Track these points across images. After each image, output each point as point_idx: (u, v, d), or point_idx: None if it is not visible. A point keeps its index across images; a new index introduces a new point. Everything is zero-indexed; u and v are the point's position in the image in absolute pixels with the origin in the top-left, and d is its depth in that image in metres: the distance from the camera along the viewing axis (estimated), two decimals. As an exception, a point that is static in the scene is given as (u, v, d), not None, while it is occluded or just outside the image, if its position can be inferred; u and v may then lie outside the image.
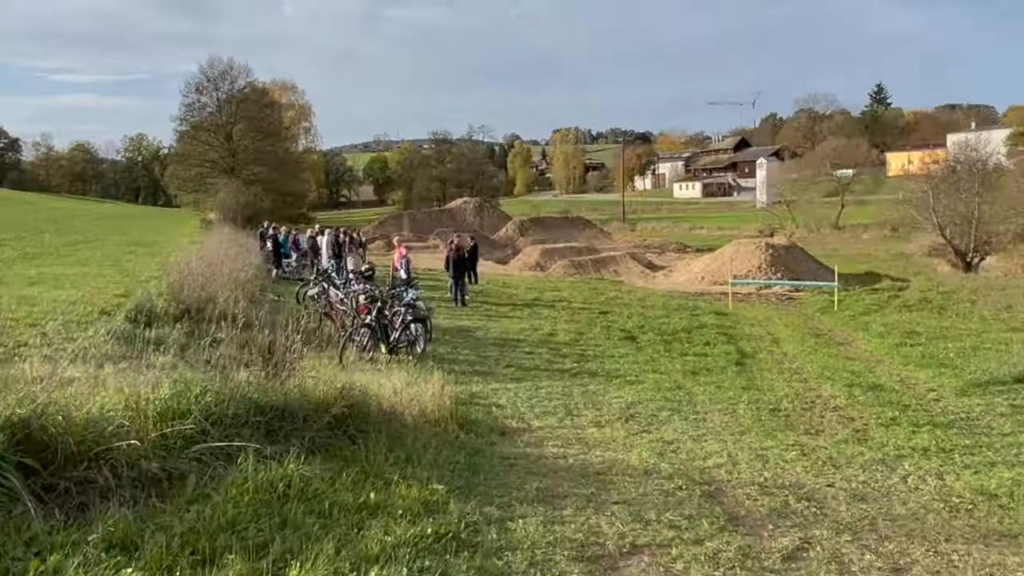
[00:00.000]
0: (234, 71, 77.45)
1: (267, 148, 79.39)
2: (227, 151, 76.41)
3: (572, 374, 12.37)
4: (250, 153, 76.33)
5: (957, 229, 48.76)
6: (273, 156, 79.81)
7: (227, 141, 76.72)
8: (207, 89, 76.96)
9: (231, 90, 77.64)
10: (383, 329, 12.09)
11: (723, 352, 15.36)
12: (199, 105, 77.78)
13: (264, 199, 66.52)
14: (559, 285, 28.67)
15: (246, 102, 78.23)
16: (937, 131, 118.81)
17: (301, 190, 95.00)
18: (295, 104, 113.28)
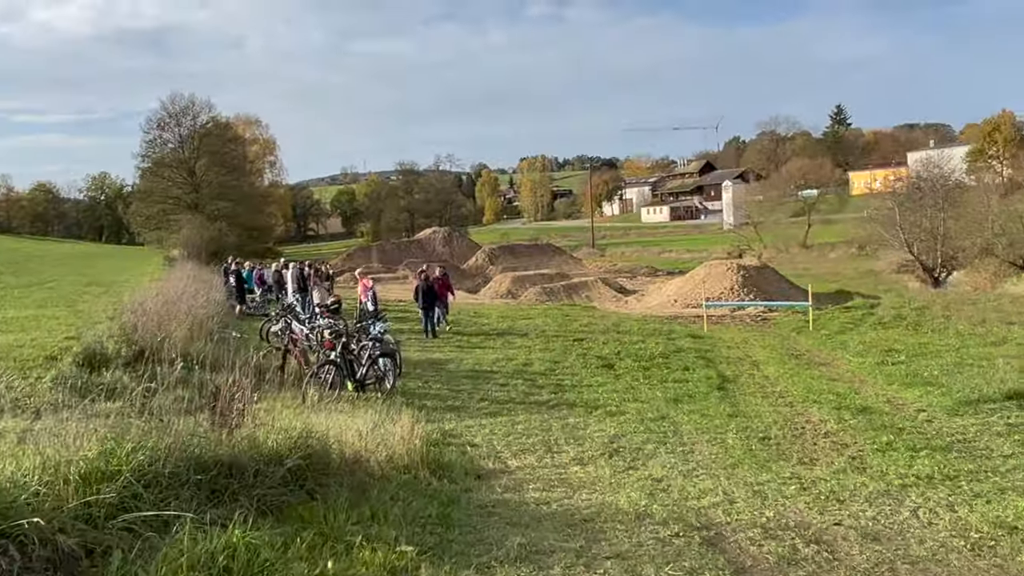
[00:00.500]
0: (196, 106, 76.69)
1: (231, 183, 78.41)
2: (190, 187, 75.28)
3: (550, 406, 11.79)
4: (214, 188, 75.27)
5: (923, 245, 49.15)
6: (237, 191, 78.83)
7: (190, 177, 75.62)
8: (169, 125, 76.04)
9: (193, 125, 76.75)
10: (349, 365, 11.44)
11: (704, 377, 14.87)
12: (161, 141, 76.83)
13: (229, 234, 65.45)
14: (531, 313, 28.13)
15: (209, 137, 77.32)
16: (897, 149, 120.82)
17: (267, 224, 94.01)
18: (259, 138, 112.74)
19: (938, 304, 30.13)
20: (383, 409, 10.08)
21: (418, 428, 7.67)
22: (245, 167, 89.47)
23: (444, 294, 22.46)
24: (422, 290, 21.24)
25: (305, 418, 7.13)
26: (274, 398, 11.08)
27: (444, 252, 70.50)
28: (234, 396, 5.82)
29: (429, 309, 21.08)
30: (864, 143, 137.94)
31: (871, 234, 54.69)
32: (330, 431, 6.51)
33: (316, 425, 6.42)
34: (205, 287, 27.30)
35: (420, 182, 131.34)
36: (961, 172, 73.47)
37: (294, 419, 6.93)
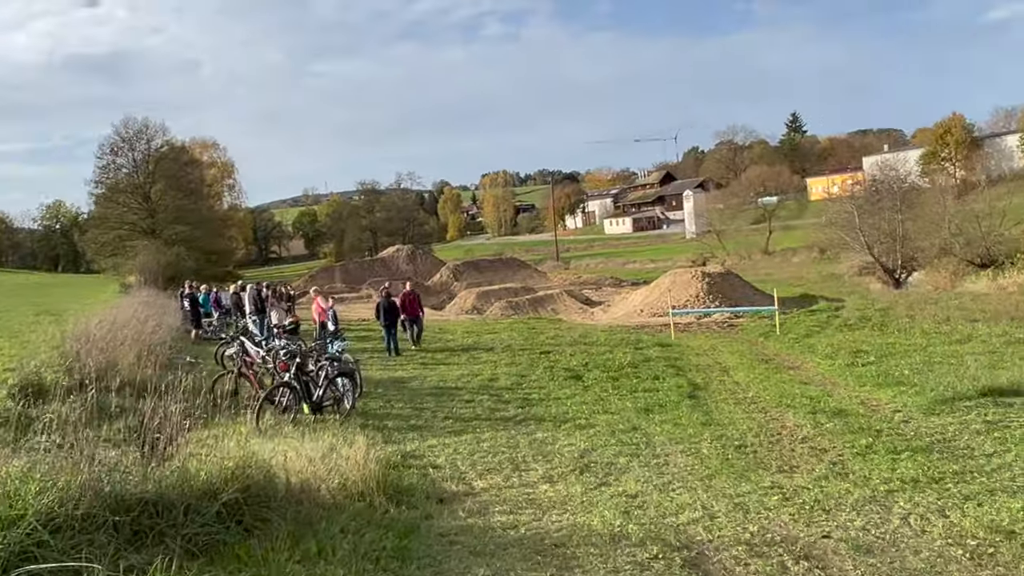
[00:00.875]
0: (150, 130, 75.08)
1: (189, 206, 76.81)
2: (146, 212, 73.64)
3: (517, 421, 11.30)
4: (170, 212, 73.65)
5: (883, 247, 49.65)
6: (195, 214, 77.24)
7: (146, 202, 73.98)
8: (122, 150, 74.37)
9: (147, 149, 75.16)
10: (305, 387, 10.86)
11: (674, 385, 14.50)
12: (115, 166, 75.03)
13: (187, 258, 64.07)
14: (497, 327, 27.65)
15: (164, 161, 75.82)
16: (852, 155, 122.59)
17: (227, 248, 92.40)
18: (217, 161, 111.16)
19: (901, 304, 30.25)
20: (340, 432, 9.55)
21: (375, 451, 7.16)
22: (203, 190, 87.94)
23: (416, 312, 21.80)
24: (383, 307, 20.72)
25: (247, 446, 6.56)
26: (226, 424, 10.49)
27: (408, 270, 69.79)
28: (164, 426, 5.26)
29: (391, 326, 20.53)
30: (820, 149, 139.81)
31: (832, 238, 55.12)
32: (276, 459, 5.96)
33: (261, 452, 5.88)
34: (158, 312, 26.52)
35: (382, 201, 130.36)
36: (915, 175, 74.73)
37: (235, 447, 6.37)
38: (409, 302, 21.69)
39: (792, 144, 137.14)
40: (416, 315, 21.76)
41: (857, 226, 50.11)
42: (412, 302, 21.80)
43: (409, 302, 21.69)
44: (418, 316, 21.86)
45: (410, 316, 21.57)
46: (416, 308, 21.86)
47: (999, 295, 33.47)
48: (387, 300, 20.96)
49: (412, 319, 21.64)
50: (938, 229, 48.08)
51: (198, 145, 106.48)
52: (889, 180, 54.62)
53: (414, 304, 21.84)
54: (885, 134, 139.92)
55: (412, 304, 21.76)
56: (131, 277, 56.90)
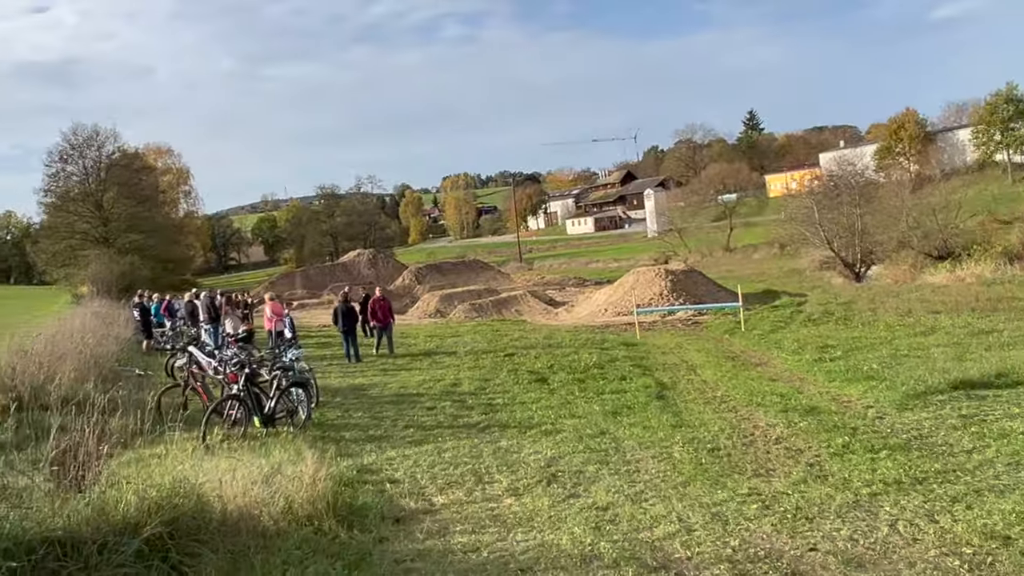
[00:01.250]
0: (100, 136, 73.29)
1: (143, 214, 75.13)
2: (99, 220, 71.83)
3: (480, 428, 10.81)
4: (124, 221, 71.95)
5: (843, 241, 50.10)
6: (150, 222, 75.58)
7: (98, 210, 72.16)
8: (72, 157, 72.51)
9: (98, 156, 73.37)
10: (255, 399, 10.25)
11: (641, 386, 14.12)
12: (65, 174, 73.14)
13: (142, 267, 62.60)
14: (460, 330, 27.17)
15: (116, 167, 74.04)
16: (809, 151, 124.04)
17: (184, 256, 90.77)
18: (172, 168, 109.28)
19: (863, 298, 30.36)
20: (292, 446, 9.00)
21: (327, 467, 6.62)
22: (157, 198, 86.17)
23: (387, 319, 20.79)
24: (341, 312, 20.04)
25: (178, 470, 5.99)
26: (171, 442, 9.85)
27: (370, 274, 68.99)
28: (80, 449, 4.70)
29: (350, 332, 19.88)
30: (777, 147, 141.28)
31: (792, 233, 55.52)
32: (212, 482, 5.41)
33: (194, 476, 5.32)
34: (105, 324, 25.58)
35: (342, 205, 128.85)
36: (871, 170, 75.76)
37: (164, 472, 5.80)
38: (379, 308, 20.72)
39: (750, 142, 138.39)
40: (387, 323, 20.78)
41: (817, 221, 50.47)
42: (382, 308, 20.80)
43: (379, 308, 20.72)
44: (388, 324, 20.86)
45: (380, 324, 20.65)
46: (387, 315, 20.85)
47: (958, 286, 33.75)
48: (345, 305, 20.29)
49: (382, 327, 20.69)
50: (896, 223, 48.64)
51: (152, 151, 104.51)
52: (847, 175, 55.18)
53: (384, 310, 20.83)
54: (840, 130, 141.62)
55: (383, 310, 20.76)
56: (83, 288, 55.40)
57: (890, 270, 47.62)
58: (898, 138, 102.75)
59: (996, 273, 36.70)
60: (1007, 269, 37.93)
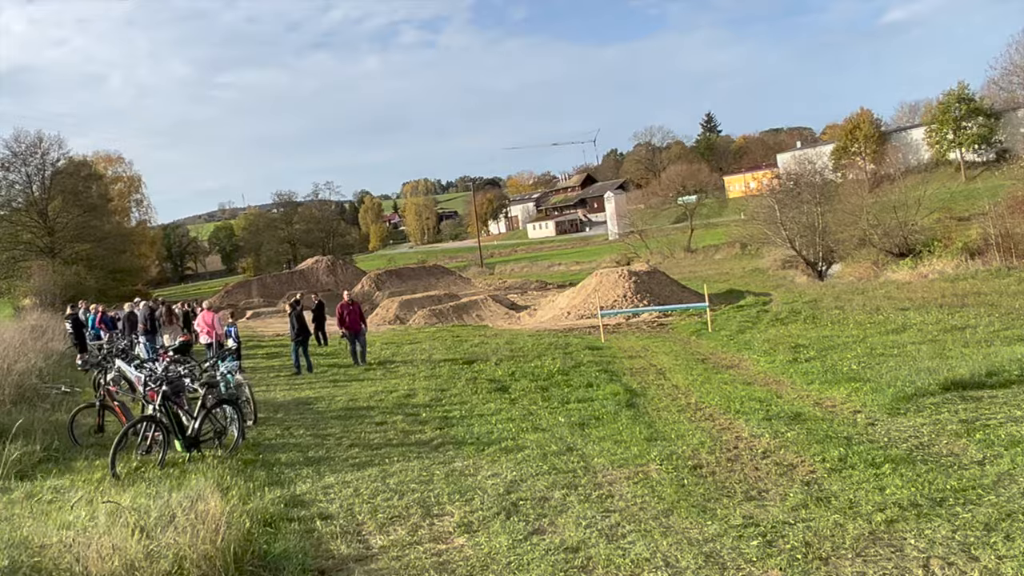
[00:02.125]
0: (44, 143, 70.53)
1: (90, 223, 72.43)
2: (43, 230, 69.16)
3: (433, 446, 9.70)
4: (70, 230, 69.34)
5: (804, 240, 49.91)
6: (97, 231, 72.90)
7: (42, 219, 69.49)
8: (14, 165, 69.67)
9: (42, 164, 70.63)
10: (175, 419, 9.00)
11: (610, 393, 13.11)
12: (6, 183, 70.26)
13: (88, 278, 60.28)
14: (419, 336, 26.01)
15: (61, 175, 71.39)
16: (766, 152, 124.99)
17: (134, 265, 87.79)
18: (123, 176, 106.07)
19: (828, 296, 29.87)
20: (215, 475, 7.80)
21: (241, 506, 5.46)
22: (106, 206, 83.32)
23: (358, 326, 19.11)
24: (293, 319, 18.70)
25: (27, 528, 4.78)
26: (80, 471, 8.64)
27: (328, 281, 67.50)
28: None
29: (302, 343, 18.57)
30: (735, 148, 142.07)
31: (754, 233, 55.26)
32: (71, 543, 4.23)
33: (47, 534, 4.13)
34: (37, 337, 23.98)
35: (300, 212, 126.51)
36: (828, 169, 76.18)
37: (14, 529, 4.60)
38: (349, 315, 19.06)
39: (708, 143, 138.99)
40: (357, 330, 19.13)
41: (779, 220, 50.19)
42: (352, 315, 19.10)
43: (349, 315, 19.06)
44: (359, 331, 19.23)
45: (351, 331, 19.02)
46: (357, 321, 19.15)
47: (922, 283, 33.52)
48: (296, 313, 18.95)
49: (353, 334, 19.08)
50: (856, 220, 48.48)
51: (102, 159, 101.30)
52: (807, 173, 55.06)
53: (355, 317, 19.13)
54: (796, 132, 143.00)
55: (353, 317, 19.06)
56: (26, 300, 53.14)
57: (852, 268, 47.50)
58: (854, 138, 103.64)
59: (959, 269, 36.53)
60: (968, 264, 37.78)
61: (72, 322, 21.10)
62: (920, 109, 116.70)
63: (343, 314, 19.11)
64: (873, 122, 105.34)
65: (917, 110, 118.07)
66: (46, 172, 71.06)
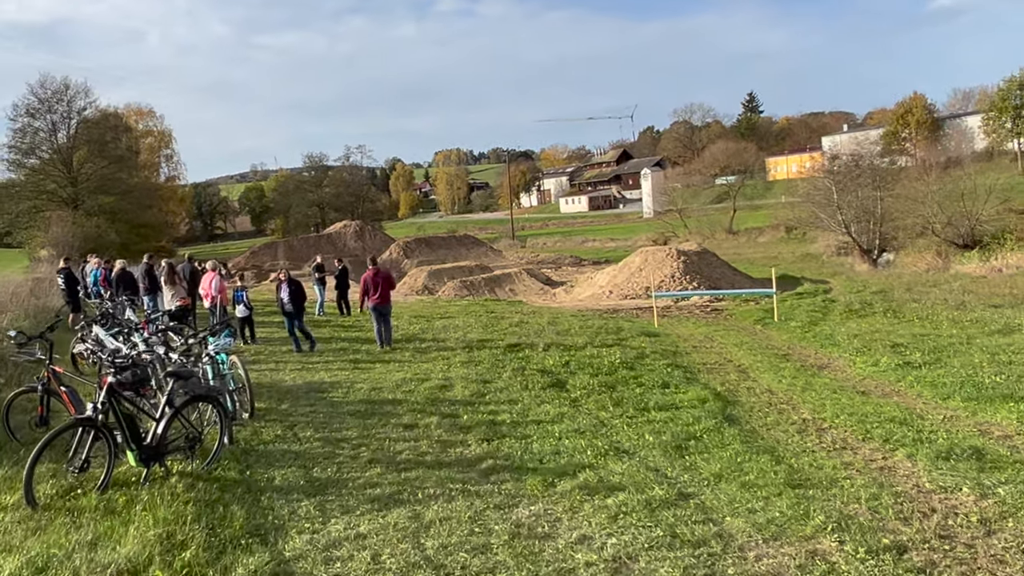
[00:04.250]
0: (71, 90, 68.40)
1: (116, 175, 70.37)
2: (66, 180, 67.25)
3: (482, 472, 7.13)
4: (93, 181, 67.36)
5: (859, 226, 47.00)
6: (122, 184, 70.84)
7: (66, 169, 67.56)
8: (39, 111, 67.64)
9: (68, 112, 68.61)
10: (128, 422, 6.43)
11: (695, 400, 10.46)
12: (31, 130, 68.24)
13: (109, 231, 58.27)
14: (450, 310, 23.46)
15: (87, 124, 69.34)
16: (809, 135, 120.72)
17: (160, 221, 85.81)
18: (154, 130, 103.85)
19: (898, 287, 27.07)
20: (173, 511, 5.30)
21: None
22: (134, 159, 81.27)
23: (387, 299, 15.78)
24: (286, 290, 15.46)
25: None
26: None
27: (356, 246, 65.24)
28: None
29: (296, 314, 15.43)
30: (777, 129, 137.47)
31: (806, 216, 52.04)
32: None
33: None
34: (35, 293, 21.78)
35: (331, 175, 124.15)
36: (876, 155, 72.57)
37: None
38: (376, 285, 15.59)
39: (750, 124, 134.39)
40: (387, 303, 15.77)
41: (836, 203, 47.05)
42: (381, 285, 15.60)
43: (376, 285, 15.59)
44: (388, 306, 15.87)
45: (378, 305, 15.56)
46: (387, 294, 15.78)
47: (999, 277, 30.60)
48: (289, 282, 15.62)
49: (380, 310, 15.65)
50: (919, 208, 45.30)
51: (133, 112, 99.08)
52: (869, 155, 51.67)
53: (385, 289, 15.71)
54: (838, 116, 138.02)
55: (382, 289, 15.62)
56: (42, 251, 51.33)
57: (911, 258, 44.36)
58: (905, 123, 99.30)
59: (1038, 263, 33.61)
60: (1047, 260, 34.82)
61: (65, 277, 18.69)
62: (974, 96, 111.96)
63: (369, 285, 15.72)
64: (927, 107, 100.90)
65: (971, 97, 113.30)
66: (72, 120, 69.12)
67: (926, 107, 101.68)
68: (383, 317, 15.78)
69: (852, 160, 49.70)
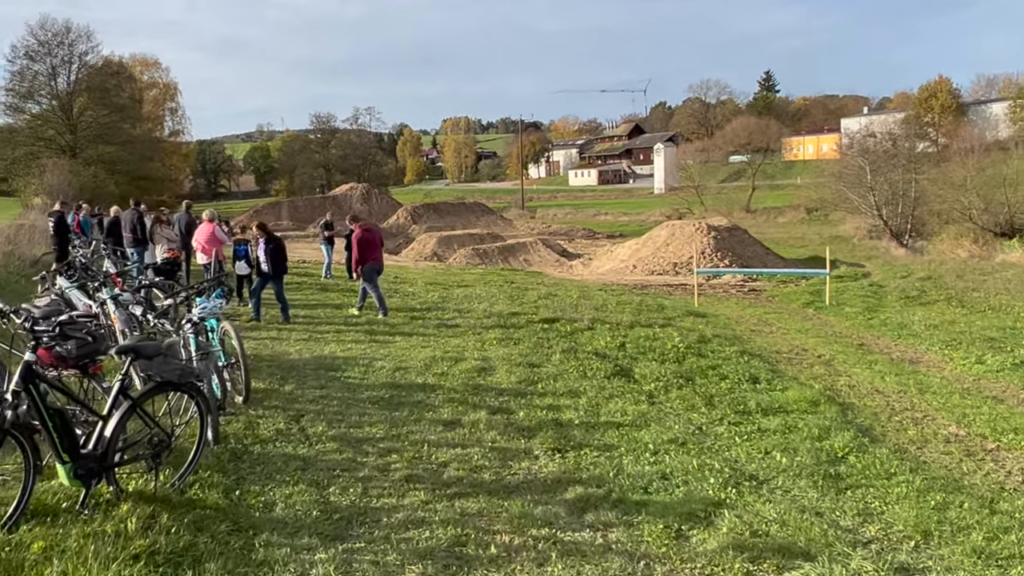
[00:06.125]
0: (72, 34, 65.56)
1: (117, 125, 67.75)
2: (65, 127, 64.69)
3: (571, 508, 4.97)
4: (93, 129, 64.82)
5: (890, 210, 44.80)
6: (124, 134, 68.24)
7: (65, 116, 64.95)
8: (39, 54, 64.90)
9: (70, 56, 65.85)
10: (57, 421, 4.18)
11: (803, 400, 8.26)
12: (30, 73, 65.51)
13: (108, 182, 55.86)
14: (467, 278, 21.32)
15: (88, 70, 66.65)
16: (826, 116, 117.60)
17: (162, 175, 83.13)
18: (159, 82, 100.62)
19: (947, 274, 24.92)
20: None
21: None
22: (137, 110, 78.47)
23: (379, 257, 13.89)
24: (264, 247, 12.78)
25: None
26: None
27: (362, 210, 62.82)
28: None
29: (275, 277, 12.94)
30: (794, 109, 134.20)
31: (834, 196, 49.67)
32: None
33: None
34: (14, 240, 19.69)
35: (338, 137, 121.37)
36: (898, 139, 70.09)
37: None
38: (374, 244, 13.76)
39: (766, 102, 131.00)
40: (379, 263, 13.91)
41: (869, 184, 44.71)
42: (363, 244, 13.56)
43: (374, 244, 13.76)
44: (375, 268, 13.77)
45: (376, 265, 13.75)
46: (378, 252, 13.91)
47: (1052, 268, 28.56)
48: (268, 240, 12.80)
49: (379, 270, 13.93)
50: (957, 193, 43.03)
51: (138, 62, 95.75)
52: (903, 136, 49.17)
53: (376, 247, 13.82)
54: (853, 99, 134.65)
55: (373, 246, 13.73)
56: (36, 199, 49.04)
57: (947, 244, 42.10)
58: (928, 107, 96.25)
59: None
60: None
61: (56, 222, 16.46)
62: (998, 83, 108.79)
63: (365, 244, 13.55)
64: (951, 92, 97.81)
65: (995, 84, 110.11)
66: (73, 65, 66.42)
67: (951, 91, 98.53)
68: (369, 278, 13.57)
69: (889, 138, 47.17)
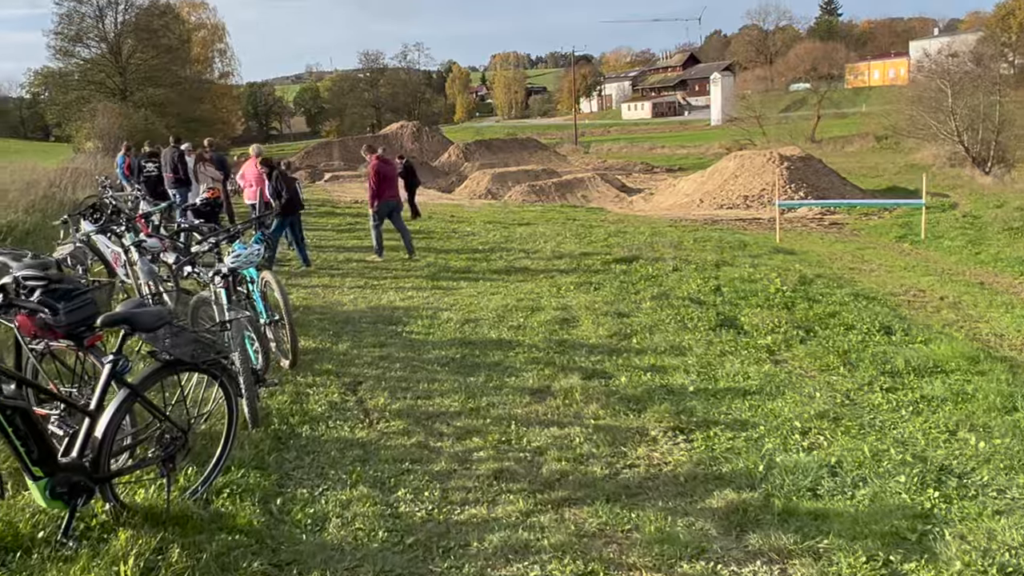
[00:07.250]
0: (117, -29, 64.47)
1: (167, 67, 67.03)
2: (115, 69, 64.12)
3: (720, 522, 3.67)
4: (142, 72, 64.19)
5: (970, 135, 41.86)
6: (173, 76, 67.54)
7: (114, 58, 64.33)
8: (85, -6, 64.01)
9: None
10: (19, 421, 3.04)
11: (959, 357, 6.73)
12: (77, 15, 64.82)
13: (158, 124, 55.30)
14: (527, 216, 19.96)
15: (136, 10, 65.76)
16: (893, 39, 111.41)
17: (213, 117, 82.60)
18: (206, 23, 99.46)
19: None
20: None
21: None
22: (186, 52, 77.63)
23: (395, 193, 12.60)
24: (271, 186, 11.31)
25: None
26: None
27: (414, 148, 61.50)
28: None
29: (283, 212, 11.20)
30: (858, 33, 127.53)
31: (907, 123, 46.60)
32: None
33: None
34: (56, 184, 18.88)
35: (387, 75, 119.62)
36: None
37: None
38: (383, 176, 12.22)
39: (829, 27, 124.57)
40: (396, 199, 12.64)
41: (950, 108, 41.68)
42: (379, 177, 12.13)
43: (383, 176, 12.22)
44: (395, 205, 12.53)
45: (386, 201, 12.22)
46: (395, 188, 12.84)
47: None
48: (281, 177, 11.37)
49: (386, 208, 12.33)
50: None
51: (185, 3, 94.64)
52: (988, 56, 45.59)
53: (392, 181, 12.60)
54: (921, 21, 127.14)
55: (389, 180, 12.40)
56: (88, 144, 48.78)
57: (1023, 173, 39.23)
58: (1006, 26, 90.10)
59: None
60: None
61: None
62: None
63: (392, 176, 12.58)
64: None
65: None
66: (120, 6, 65.52)
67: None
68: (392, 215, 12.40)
69: (974, 57, 43.80)
